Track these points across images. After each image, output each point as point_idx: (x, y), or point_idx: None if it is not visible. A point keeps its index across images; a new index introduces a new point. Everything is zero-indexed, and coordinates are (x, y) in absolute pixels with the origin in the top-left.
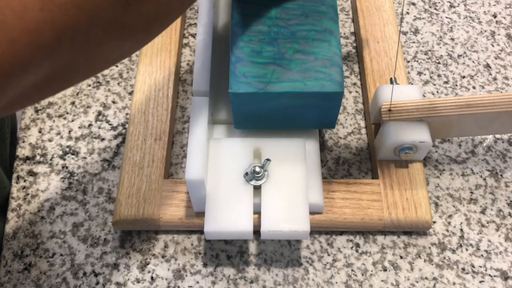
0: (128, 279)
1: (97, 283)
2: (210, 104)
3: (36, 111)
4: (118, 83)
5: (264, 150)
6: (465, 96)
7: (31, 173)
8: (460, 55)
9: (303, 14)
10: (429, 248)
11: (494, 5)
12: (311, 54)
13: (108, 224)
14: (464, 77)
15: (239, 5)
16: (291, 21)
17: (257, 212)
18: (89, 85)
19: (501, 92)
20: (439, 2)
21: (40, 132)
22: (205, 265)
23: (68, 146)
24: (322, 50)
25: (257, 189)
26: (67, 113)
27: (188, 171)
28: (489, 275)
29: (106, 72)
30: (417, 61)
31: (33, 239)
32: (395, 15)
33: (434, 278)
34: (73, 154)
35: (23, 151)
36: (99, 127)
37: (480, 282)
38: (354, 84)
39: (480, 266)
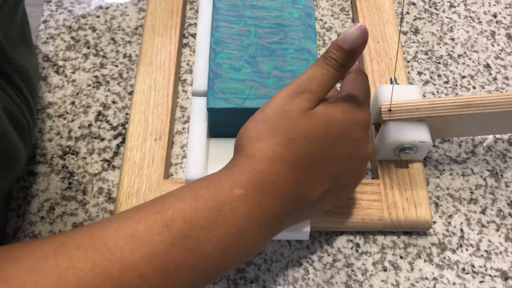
0: None
1: None
2: None
3: (36, 111)
4: (118, 83)
5: None
6: (465, 96)
7: (31, 173)
8: (460, 55)
9: (282, 32)
10: (429, 248)
11: (494, 5)
12: (288, 71)
13: None
14: (464, 77)
15: (219, 23)
16: (270, 39)
17: None
18: (89, 85)
19: (501, 92)
20: (439, 2)
21: (40, 132)
22: None
23: (68, 146)
24: (299, 68)
25: None
26: (67, 113)
27: (188, 171)
28: (489, 275)
29: (106, 72)
30: (417, 61)
31: (33, 239)
32: (395, 15)
33: (434, 278)
34: (73, 154)
35: None
36: (99, 127)
37: (480, 282)
38: None
39: (480, 266)
